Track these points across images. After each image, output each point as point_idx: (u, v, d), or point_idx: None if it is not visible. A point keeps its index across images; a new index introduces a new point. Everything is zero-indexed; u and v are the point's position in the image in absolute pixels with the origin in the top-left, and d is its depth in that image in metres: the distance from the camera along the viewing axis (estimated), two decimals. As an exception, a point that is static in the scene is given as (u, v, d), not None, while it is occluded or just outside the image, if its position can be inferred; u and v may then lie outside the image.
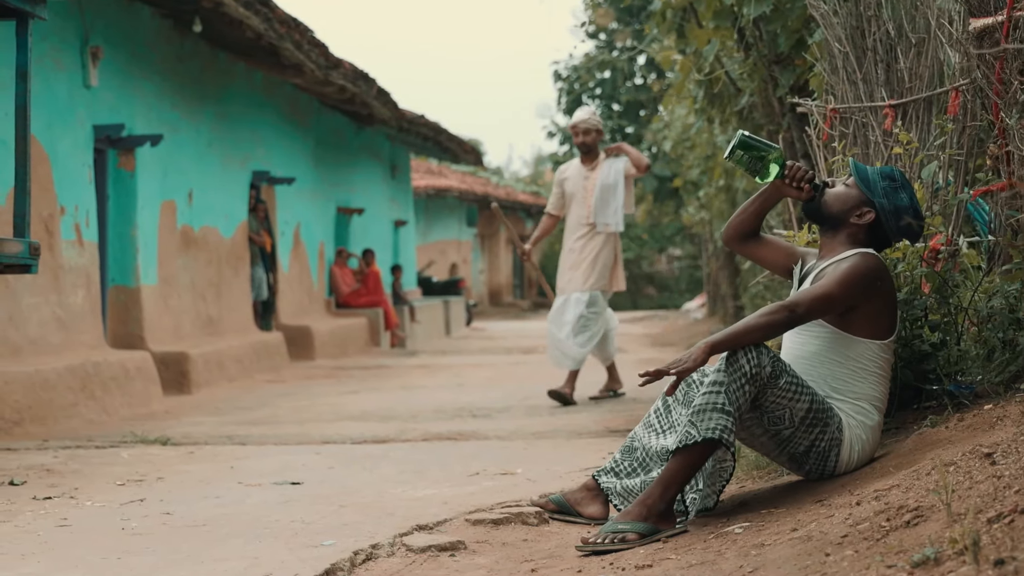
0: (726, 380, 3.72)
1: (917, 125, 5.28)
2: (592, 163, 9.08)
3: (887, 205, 4.09)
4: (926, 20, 5.29)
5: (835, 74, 5.83)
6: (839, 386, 3.97)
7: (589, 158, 9.09)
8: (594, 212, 8.95)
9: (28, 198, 5.74)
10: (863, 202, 4.11)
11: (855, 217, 4.10)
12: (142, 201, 10.59)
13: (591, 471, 5.26)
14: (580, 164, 9.13)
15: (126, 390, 9.15)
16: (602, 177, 9.00)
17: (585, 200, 8.99)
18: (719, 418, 3.68)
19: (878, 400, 4.00)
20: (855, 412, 3.95)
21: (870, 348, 3.98)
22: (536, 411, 8.47)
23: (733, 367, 3.73)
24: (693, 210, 20.90)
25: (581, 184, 9.04)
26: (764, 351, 3.77)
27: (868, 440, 3.96)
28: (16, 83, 5.82)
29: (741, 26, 7.44)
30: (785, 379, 3.81)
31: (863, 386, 3.98)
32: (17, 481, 5.32)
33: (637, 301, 38.19)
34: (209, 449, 6.53)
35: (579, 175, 9.07)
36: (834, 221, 4.14)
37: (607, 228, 8.96)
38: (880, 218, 4.09)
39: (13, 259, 5.56)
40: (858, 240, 4.11)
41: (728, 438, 3.68)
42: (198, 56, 11.91)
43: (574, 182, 9.08)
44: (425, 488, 4.94)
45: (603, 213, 8.95)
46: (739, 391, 3.72)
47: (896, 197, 4.10)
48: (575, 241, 8.98)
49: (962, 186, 4.98)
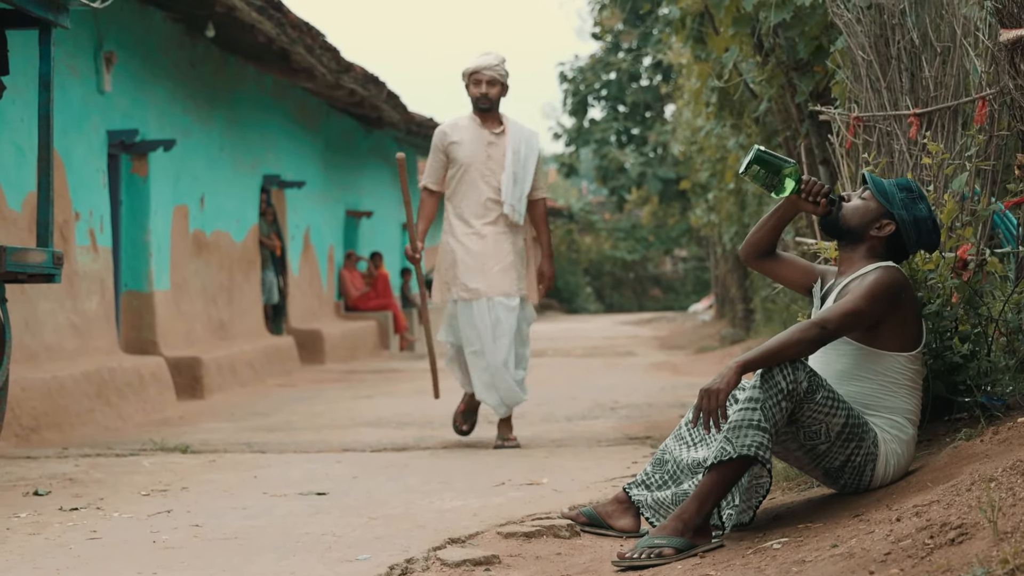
0: (762, 397, 3.70)
1: (943, 134, 5.26)
2: (497, 125, 7.05)
3: (907, 216, 4.08)
4: (951, 28, 5.27)
5: (858, 82, 5.81)
6: (871, 402, 3.96)
7: (491, 118, 7.04)
8: (507, 193, 6.91)
9: (51, 207, 5.74)
10: (882, 214, 4.10)
11: (875, 230, 4.09)
12: (155, 206, 10.59)
13: (616, 481, 5.26)
14: (478, 125, 7.00)
15: (141, 396, 9.15)
16: (513, 147, 6.99)
17: (493, 173, 6.94)
18: (755, 435, 3.67)
19: (911, 413, 3.99)
20: (889, 427, 3.94)
21: (898, 361, 3.97)
22: (551, 417, 8.46)
23: (769, 383, 3.72)
24: (701, 212, 20.88)
25: (483, 152, 6.95)
26: (800, 367, 3.76)
27: (903, 454, 3.95)
28: (39, 92, 5.82)
29: (760, 33, 7.43)
30: (822, 394, 3.80)
31: (895, 400, 3.97)
32: (42, 491, 5.31)
33: (643, 303, 38.19)
34: (230, 457, 6.52)
35: (479, 140, 6.97)
36: (853, 235, 4.12)
37: (513, 216, 6.90)
38: (900, 230, 4.08)
39: (37, 268, 5.55)
40: (877, 253, 4.10)
41: (764, 455, 3.67)
42: (209, 60, 11.91)
43: (471, 149, 6.95)
44: (452, 499, 4.93)
45: (512, 195, 6.93)
46: (775, 407, 3.71)
47: (915, 208, 4.09)
48: (484, 226, 6.90)
49: (990, 196, 4.97)
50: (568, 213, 38.40)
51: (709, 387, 3.74)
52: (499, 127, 7.03)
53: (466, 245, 6.86)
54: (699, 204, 20.79)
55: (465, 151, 6.93)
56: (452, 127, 7.03)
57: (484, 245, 6.85)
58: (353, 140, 17.55)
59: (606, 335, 21.81)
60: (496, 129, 7.02)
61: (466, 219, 6.90)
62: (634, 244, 38.25)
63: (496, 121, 7.06)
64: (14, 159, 8.13)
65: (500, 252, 6.84)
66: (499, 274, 6.81)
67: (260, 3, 10.42)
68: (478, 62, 7.01)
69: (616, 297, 38.69)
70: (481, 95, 6.96)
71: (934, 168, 4.90)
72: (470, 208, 6.91)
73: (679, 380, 11.62)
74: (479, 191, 6.92)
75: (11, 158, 8.10)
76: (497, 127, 7.03)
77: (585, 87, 33.41)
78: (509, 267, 6.84)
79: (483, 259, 6.82)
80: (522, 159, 6.98)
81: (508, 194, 6.88)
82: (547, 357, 15.95)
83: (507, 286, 6.81)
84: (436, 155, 7.01)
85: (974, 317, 4.59)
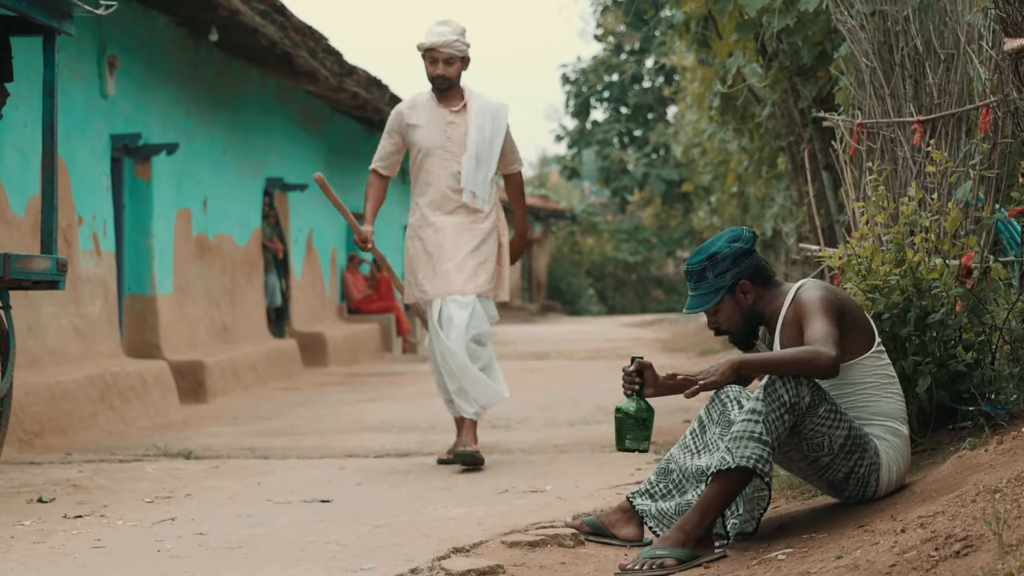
0: (764, 409, 3.71)
1: (947, 141, 5.26)
2: (457, 101, 6.30)
3: (735, 269, 4.02)
4: (955, 36, 5.27)
5: (862, 89, 5.81)
6: (860, 413, 3.96)
7: (450, 95, 6.30)
8: (467, 177, 6.21)
9: (55, 214, 5.75)
10: (732, 296, 4.05)
11: (749, 300, 4.05)
12: (158, 209, 10.60)
13: (620, 488, 5.26)
14: (436, 103, 6.28)
15: (144, 400, 9.16)
16: (477, 123, 6.25)
17: (454, 156, 6.22)
18: (755, 447, 3.68)
19: (899, 412, 3.99)
20: (884, 432, 3.94)
21: (865, 364, 3.96)
22: (555, 423, 8.46)
23: (772, 396, 3.72)
24: (704, 214, 20.88)
25: (442, 132, 6.22)
26: (804, 381, 3.76)
27: (903, 457, 3.96)
28: (43, 99, 5.83)
29: (763, 38, 7.43)
30: (824, 408, 3.80)
31: (880, 404, 3.97)
32: (46, 498, 5.32)
33: (645, 304, 38.18)
34: (233, 463, 6.52)
35: (437, 120, 6.24)
36: (754, 319, 4.08)
37: (474, 202, 6.22)
38: (745, 275, 4.04)
39: (41, 276, 5.56)
40: (768, 294, 4.06)
41: (763, 468, 3.67)
42: (212, 64, 11.91)
43: (429, 131, 6.22)
44: (456, 507, 4.93)
45: (474, 179, 6.23)
46: (777, 420, 3.71)
47: (722, 263, 4.02)
48: (442, 218, 6.22)
49: (993, 204, 4.97)
50: (571, 215, 38.39)
51: (705, 382, 3.76)
52: (459, 103, 6.26)
53: (423, 240, 6.22)
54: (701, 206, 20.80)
55: (423, 134, 6.22)
56: (410, 107, 6.29)
57: (440, 239, 6.17)
58: (356, 143, 17.55)
59: (608, 337, 21.80)
60: (455, 106, 6.25)
61: (424, 211, 6.23)
62: (636, 246, 38.24)
63: (456, 97, 6.29)
64: (18, 163, 8.14)
65: (457, 246, 6.16)
66: (452, 271, 6.13)
67: (263, 7, 10.42)
68: (433, 38, 6.19)
69: (618, 299, 38.68)
70: (438, 76, 6.21)
71: (938, 176, 4.90)
72: (429, 198, 6.23)
73: (682, 384, 11.58)
74: (438, 178, 6.21)
75: (15, 162, 8.11)
76: (457, 103, 6.26)
77: (587, 89, 33.41)
78: (466, 261, 6.15)
79: (437, 255, 6.16)
80: (487, 137, 6.23)
81: (468, 178, 6.18)
82: (550, 360, 15.95)
83: (460, 283, 6.12)
84: (390, 137, 6.34)
85: (978, 325, 4.59)
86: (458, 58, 6.24)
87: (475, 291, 6.17)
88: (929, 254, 4.65)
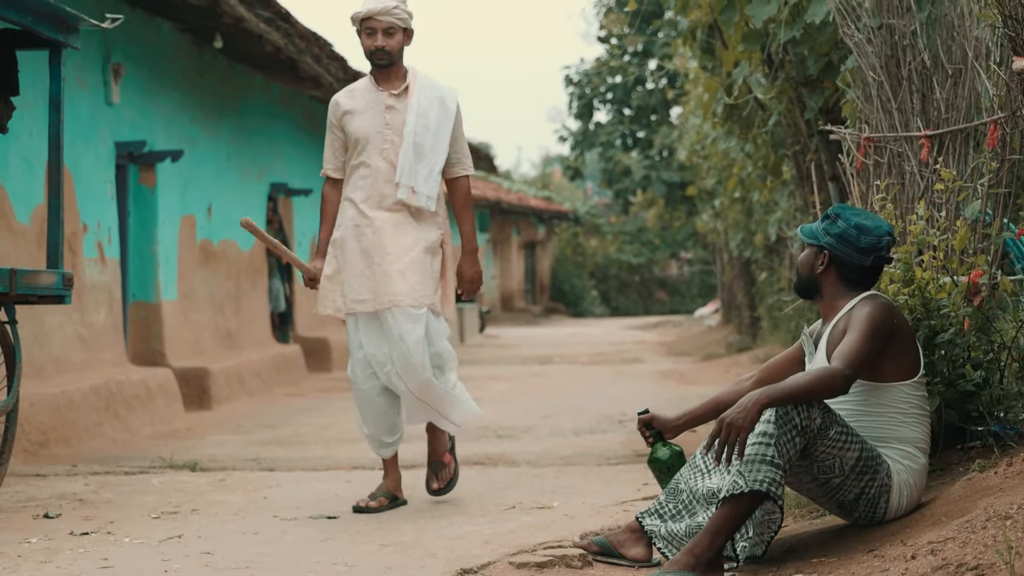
0: (776, 433, 3.70)
1: (954, 156, 5.24)
2: (398, 84, 5.48)
3: (832, 241, 4.13)
4: (963, 51, 5.26)
5: (869, 102, 5.80)
6: (882, 434, 3.96)
7: (391, 75, 5.47)
8: (404, 170, 5.37)
9: (61, 228, 5.74)
10: (815, 253, 4.19)
11: (819, 269, 4.15)
12: (162, 216, 10.60)
13: (627, 505, 5.25)
14: (374, 86, 5.48)
15: (149, 408, 9.16)
16: (419, 108, 5.43)
17: (393, 146, 5.40)
18: (767, 470, 3.67)
19: (922, 442, 3.99)
20: (901, 457, 3.94)
21: (902, 391, 3.97)
22: (560, 432, 8.45)
23: (783, 420, 3.71)
24: (707, 218, 20.86)
25: (379, 118, 5.43)
26: (815, 403, 3.75)
27: (916, 484, 3.95)
28: (49, 113, 5.82)
29: (769, 49, 7.42)
30: (835, 430, 3.80)
31: (905, 430, 3.97)
32: (52, 514, 5.31)
33: (648, 306, 38.16)
34: (239, 476, 6.52)
35: (375, 106, 5.45)
36: (811, 286, 4.23)
37: (413, 200, 5.36)
38: (835, 255, 4.09)
39: (47, 290, 5.55)
40: (842, 289, 4.13)
41: (776, 491, 3.67)
42: (217, 69, 11.90)
43: (366, 118, 5.44)
44: (463, 524, 4.92)
45: (412, 174, 5.38)
46: (789, 443, 3.71)
47: (834, 227, 4.16)
48: (382, 215, 5.37)
49: (1002, 220, 4.95)
50: (574, 216, 38.39)
51: (732, 421, 3.74)
52: (400, 85, 5.46)
53: (359, 240, 5.37)
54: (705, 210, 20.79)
55: (359, 122, 5.42)
56: (348, 94, 5.54)
57: (380, 240, 5.34)
58: (359, 146, 17.55)
59: (612, 341, 21.80)
60: (396, 89, 5.46)
61: (359, 206, 5.40)
62: (640, 247, 38.24)
63: (398, 78, 5.48)
64: (23, 172, 8.14)
65: (401, 248, 5.33)
66: (396, 277, 5.30)
67: (268, 14, 10.41)
68: (370, 5, 5.39)
69: (622, 300, 38.67)
70: (376, 49, 5.38)
71: (946, 194, 4.89)
72: (365, 193, 5.40)
73: (687, 390, 11.60)
74: (376, 171, 5.39)
75: (20, 171, 8.11)
76: (397, 85, 5.46)
77: (591, 91, 33.40)
78: (412, 267, 5.32)
79: (378, 258, 5.32)
80: (432, 126, 5.42)
81: (406, 172, 5.34)
82: (554, 364, 15.95)
83: (406, 291, 5.28)
84: (332, 133, 5.53)
85: (986, 344, 4.58)
86: (400, 28, 5.40)
87: (426, 302, 5.33)
88: (937, 272, 4.63)
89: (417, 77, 5.51)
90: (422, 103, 5.44)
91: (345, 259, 5.40)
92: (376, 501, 5.35)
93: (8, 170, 7.96)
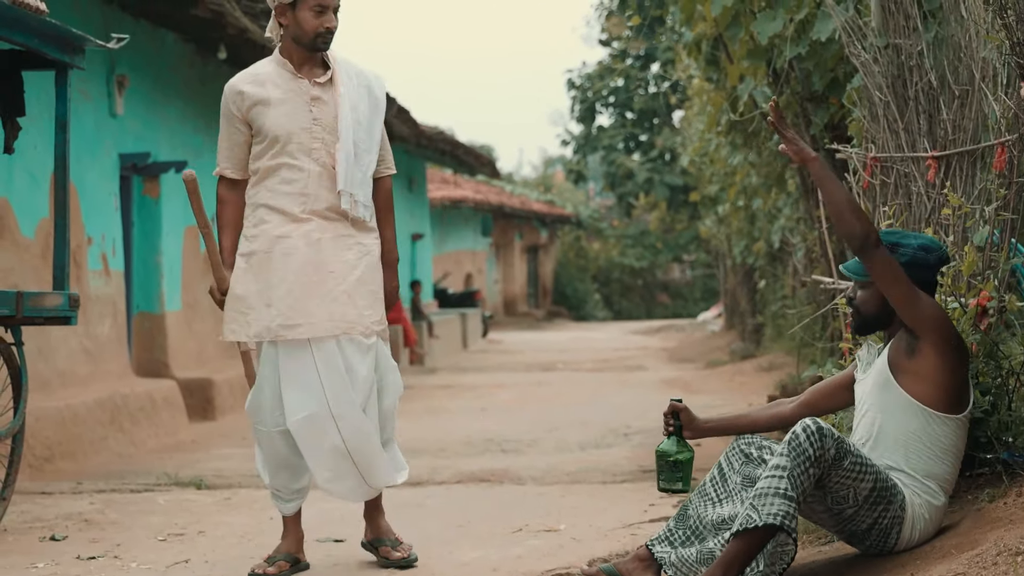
0: (789, 464, 3.69)
1: (961, 178, 5.23)
2: (320, 71, 4.65)
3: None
4: (970, 71, 5.24)
5: (875, 122, 5.79)
6: (917, 464, 3.92)
7: (310, 64, 4.63)
8: (345, 175, 4.59)
9: (68, 249, 5.74)
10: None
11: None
12: (166, 227, 10.60)
13: (634, 528, 5.25)
14: (291, 73, 4.60)
15: (153, 420, 9.16)
16: (350, 100, 4.64)
17: (324, 144, 4.61)
18: (781, 503, 3.66)
19: (947, 482, 3.97)
20: (922, 491, 3.91)
21: (950, 427, 3.93)
22: (565, 445, 8.45)
23: (796, 451, 3.70)
24: (711, 223, 20.86)
25: (305, 112, 4.58)
26: (828, 434, 3.74)
27: (931, 519, 3.93)
28: (56, 133, 5.83)
29: (775, 65, 7.41)
30: (849, 460, 3.78)
31: (937, 466, 3.93)
32: (59, 536, 5.31)
33: (651, 309, 38.16)
34: (245, 494, 6.51)
35: (297, 96, 4.59)
36: (880, 320, 4.08)
37: (355, 209, 4.62)
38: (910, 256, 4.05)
39: (53, 312, 5.55)
40: None
41: (789, 524, 3.65)
42: (220, 78, 11.83)
43: (289, 111, 4.57)
44: (471, 549, 4.91)
45: (351, 178, 4.61)
46: (803, 475, 3.69)
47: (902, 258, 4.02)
48: (317, 224, 4.58)
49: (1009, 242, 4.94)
50: (576, 220, 38.39)
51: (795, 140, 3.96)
52: (322, 73, 4.64)
53: (286, 255, 4.54)
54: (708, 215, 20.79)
55: (277, 116, 4.55)
56: (252, 81, 4.63)
57: (317, 255, 4.56)
58: (363, 153, 17.54)
59: (615, 346, 21.79)
60: (320, 76, 4.62)
61: (284, 215, 4.56)
62: (642, 251, 38.24)
63: (317, 65, 4.64)
64: (27, 186, 8.14)
65: (344, 265, 4.58)
66: (344, 299, 4.55)
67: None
68: None
69: (624, 304, 38.67)
70: (327, 30, 4.55)
71: (954, 220, 4.88)
72: (290, 199, 4.57)
73: (692, 400, 11.48)
74: (307, 174, 4.58)
75: (24, 185, 8.11)
76: (319, 73, 4.63)
77: (593, 94, 33.40)
78: (358, 287, 4.58)
79: (318, 277, 4.54)
80: (363, 121, 4.66)
81: (346, 177, 4.57)
82: (557, 372, 15.94)
83: (355, 316, 4.55)
84: (232, 127, 4.66)
85: (994, 369, 4.57)
86: (337, 7, 4.61)
87: (377, 329, 4.63)
88: (946, 297, 4.62)
89: (339, 63, 4.67)
90: (352, 94, 4.64)
91: (269, 277, 4.53)
92: (275, 566, 4.55)
93: (12, 184, 7.97)
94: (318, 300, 4.52)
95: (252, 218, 4.62)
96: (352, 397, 4.49)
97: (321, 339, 4.50)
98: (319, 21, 4.51)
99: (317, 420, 4.46)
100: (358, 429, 4.49)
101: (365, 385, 4.54)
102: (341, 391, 4.48)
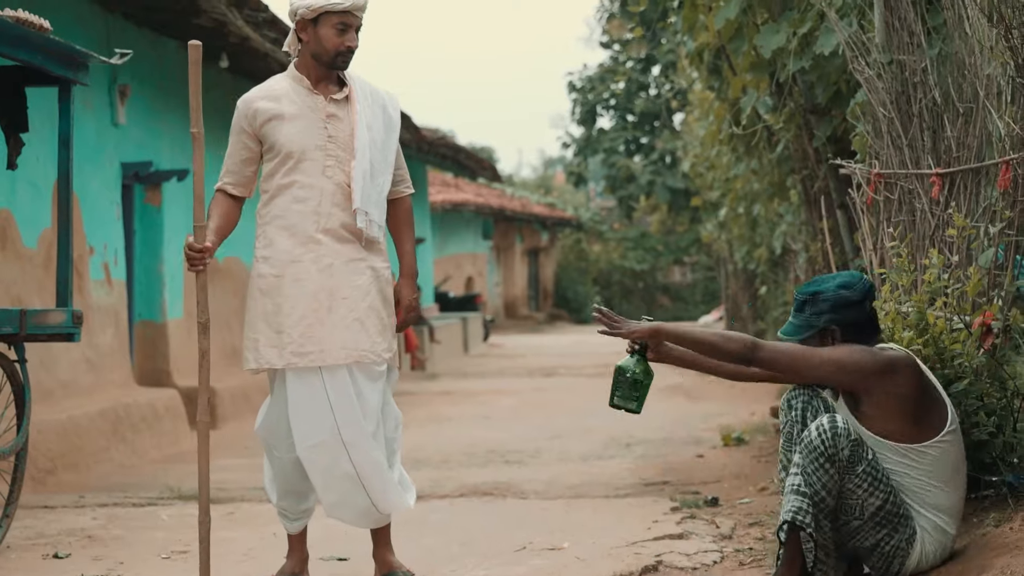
0: (802, 461, 3.80)
1: (965, 195, 5.22)
2: (336, 89, 4.63)
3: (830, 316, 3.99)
4: (974, 89, 5.23)
5: (879, 137, 5.79)
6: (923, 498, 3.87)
7: (327, 80, 4.61)
8: (361, 194, 4.52)
9: (71, 264, 5.74)
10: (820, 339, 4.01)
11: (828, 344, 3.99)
12: (168, 235, 10.60)
13: (639, 546, 5.23)
14: (307, 89, 4.58)
15: (155, 430, 9.16)
16: (366, 118, 4.61)
17: (339, 163, 4.55)
18: (793, 499, 3.77)
19: (955, 509, 3.93)
20: (931, 527, 3.87)
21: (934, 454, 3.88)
22: (567, 456, 8.44)
23: (807, 447, 3.77)
24: (712, 227, 20.86)
25: (320, 129, 4.55)
26: (841, 434, 3.75)
27: (937, 553, 3.89)
28: (59, 150, 5.83)
29: (778, 79, 7.40)
30: (863, 467, 3.79)
31: (940, 496, 3.88)
32: (62, 554, 5.30)
33: (652, 312, 38.16)
34: (248, 508, 6.51)
35: (313, 113, 4.55)
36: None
37: (370, 229, 4.56)
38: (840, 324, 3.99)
39: (56, 329, 5.55)
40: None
41: (802, 519, 3.73)
42: (221, 85, 11.88)
43: (304, 127, 4.54)
44: (475, 567, 4.90)
45: (367, 197, 4.54)
46: (818, 470, 3.75)
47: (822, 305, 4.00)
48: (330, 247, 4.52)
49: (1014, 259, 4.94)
50: (577, 223, 38.39)
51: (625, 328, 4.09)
52: (340, 90, 4.61)
53: (299, 280, 4.50)
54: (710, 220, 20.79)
55: (291, 132, 4.51)
56: (267, 96, 4.57)
57: (331, 280, 4.51)
58: (364, 158, 17.54)
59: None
60: (336, 93, 4.60)
61: (300, 235, 4.51)
62: (643, 254, 38.24)
63: (333, 82, 4.62)
64: (30, 196, 8.14)
65: (356, 289, 4.52)
66: (356, 326, 4.49)
67: (274, 34, 10.42)
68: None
69: (625, 307, 38.64)
70: (348, 49, 4.53)
71: (959, 240, 4.87)
72: (303, 219, 4.51)
73: (693, 408, 11.61)
74: (321, 192, 4.52)
75: (27, 196, 8.11)
76: (337, 90, 4.61)
77: (593, 97, 33.41)
78: (370, 313, 4.53)
79: (329, 303, 4.49)
80: (378, 140, 4.60)
81: (362, 196, 4.50)
82: (558, 377, 15.93)
83: (368, 344, 4.49)
84: (241, 141, 4.63)
85: (999, 390, 4.56)
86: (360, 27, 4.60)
87: (388, 353, 4.57)
88: (950, 319, 4.62)
89: (354, 79, 4.65)
90: (367, 112, 4.60)
91: (280, 303, 4.49)
92: None
93: (15, 195, 7.96)
94: (330, 328, 4.47)
95: (263, 239, 4.59)
96: (363, 424, 4.46)
97: (330, 366, 4.46)
98: (341, 39, 4.50)
99: (328, 448, 4.44)
100: (369, 456, 4.46)
101: (375, 412, 4.51)
102: (352, 418, 4.44)
